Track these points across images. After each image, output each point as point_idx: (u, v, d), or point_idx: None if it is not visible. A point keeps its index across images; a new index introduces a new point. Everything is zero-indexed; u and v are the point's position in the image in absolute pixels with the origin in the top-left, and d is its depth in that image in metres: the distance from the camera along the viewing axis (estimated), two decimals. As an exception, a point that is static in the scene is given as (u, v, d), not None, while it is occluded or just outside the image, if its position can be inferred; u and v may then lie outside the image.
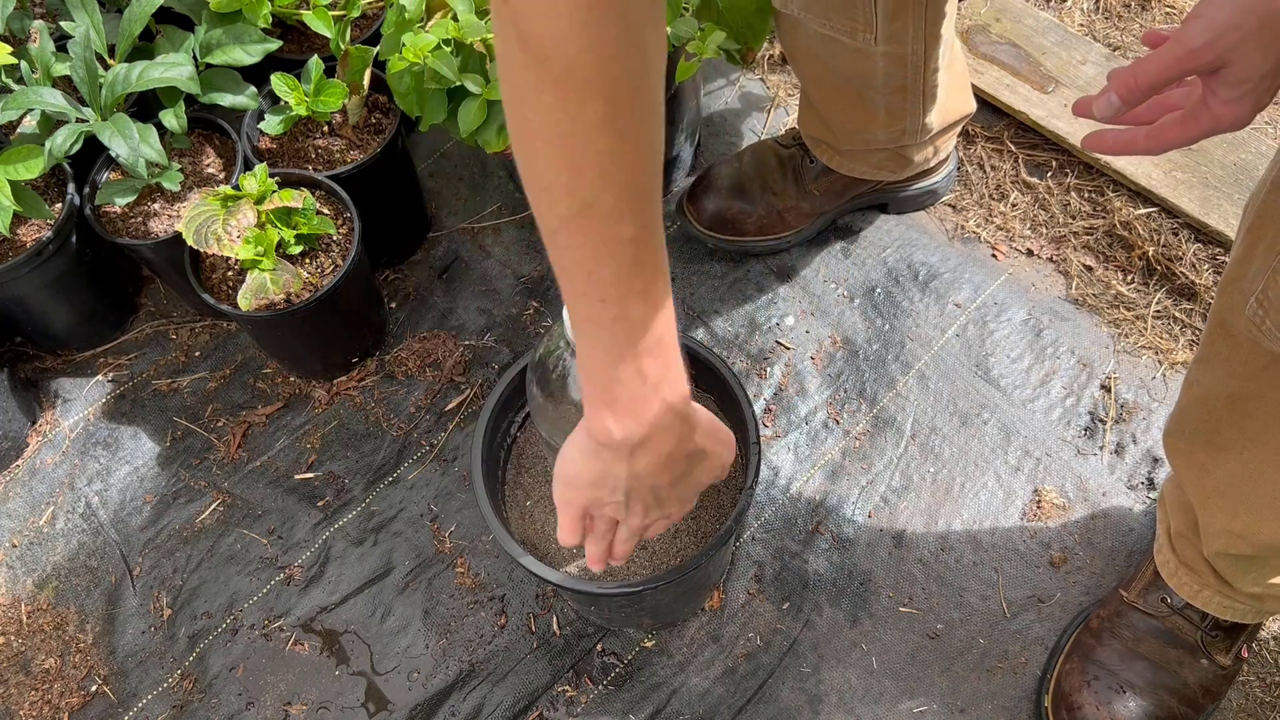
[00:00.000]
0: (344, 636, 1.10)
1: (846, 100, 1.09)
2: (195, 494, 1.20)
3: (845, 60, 1.03)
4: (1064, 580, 1.07)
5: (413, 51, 0.99)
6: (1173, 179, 1.26)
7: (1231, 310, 0.74)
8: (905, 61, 1.02)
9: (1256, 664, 1.01)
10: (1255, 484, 0.82)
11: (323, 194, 1.17)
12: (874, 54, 1.00)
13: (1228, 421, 0.82)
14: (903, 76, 1.04)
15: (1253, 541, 0.85)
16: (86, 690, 1.10)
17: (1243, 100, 0.62)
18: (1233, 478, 0.84)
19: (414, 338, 1.28)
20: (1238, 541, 0.86)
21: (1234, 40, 0.58)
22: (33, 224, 1.17)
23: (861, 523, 1.11)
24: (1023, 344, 1.21)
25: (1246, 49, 0.59)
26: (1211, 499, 0.87)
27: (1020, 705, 1.01)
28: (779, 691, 1.03)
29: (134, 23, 1.10)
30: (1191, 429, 0.87)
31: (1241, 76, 0.60)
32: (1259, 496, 0.82)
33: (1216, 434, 0.83)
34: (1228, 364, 0.79)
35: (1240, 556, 0.88)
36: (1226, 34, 0.58)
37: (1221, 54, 0.59)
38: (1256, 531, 0.84)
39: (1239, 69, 0.60)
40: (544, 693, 1.05)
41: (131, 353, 1.31)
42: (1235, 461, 0.83)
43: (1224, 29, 0.59)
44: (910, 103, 1.08)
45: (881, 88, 1.05)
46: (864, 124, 1.12)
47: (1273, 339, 0.70)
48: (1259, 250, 0.69)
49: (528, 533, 0.92)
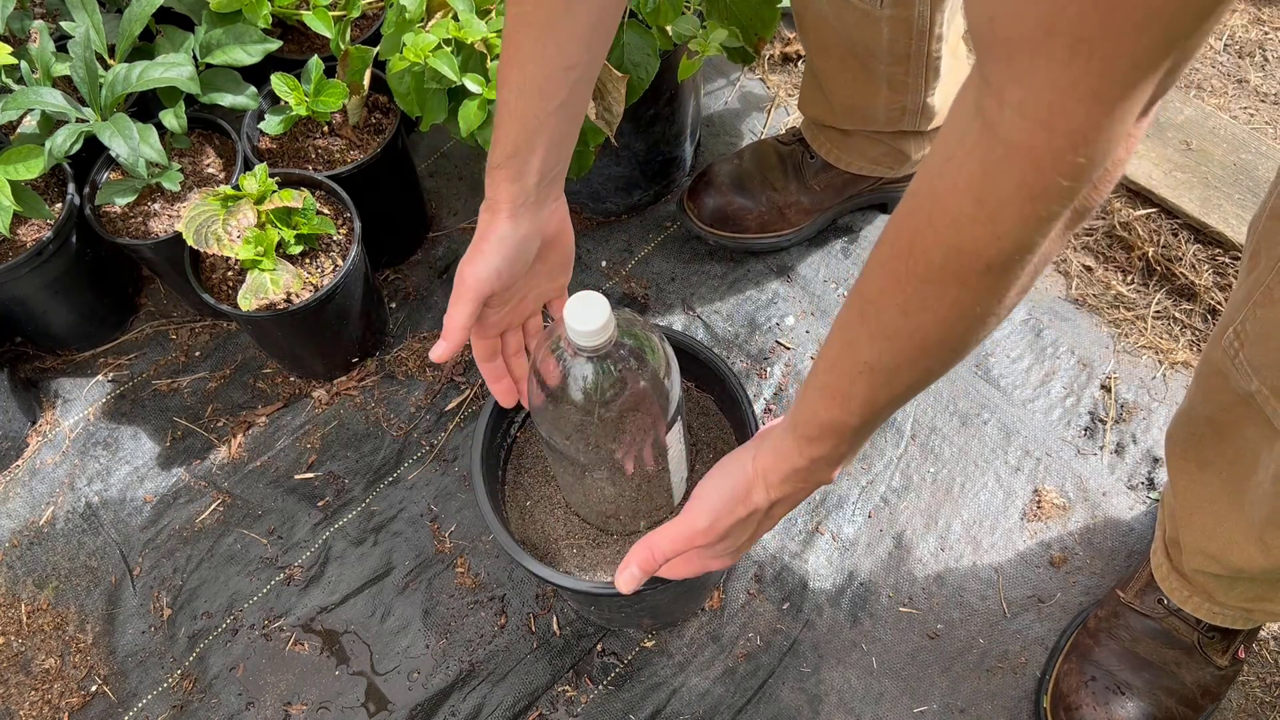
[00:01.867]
0: (344, 637, 1.10)
1: (850, 72, 1.09)
2: (195, 494, 1.20)
3: (852, 24, 1.03)
4: (1064, 580, 1.07)
5: (413, 51, 0.99)
6: (1173, 179, 1.26)
7: (1212, 341, 0.75)
8: (911, 26, 1.02)
9: (1256, 664, 1.01)
10: (1230, 507, 0.82)
11: (323, 194, 1.17)
12: (880, 17, 1.01)
13: (1209, 441, 0.82)
14: (907, 44, 1.04)
15: (1224, 564, 0.85)
16: (86, 690, 1.10)
17: (728, 557, 0.70)
18: (1214, 495, 0.84)
19: (414, 338, 1.28)
20: (1211, 562, 0.87)
21: (729, 523, 0.64)
22: (33, 224, 1.17)
23: (861, 523, 1.11)
24: (1023, 344, 1.21)
25: (736, 528, 0.65)
26: (1193, 515, 0.87)
27: (1020, 705, 1.01)
28: (779, 692, 1.03)
29: (134, 23, 1.10)
30: (1183, 438, 0.87)
31: (730, 545, 0.68)
32: (1233, 519, 0.82)
33: (1201, 450, 0.84)
34: (1205, 390, 0.79)
35: (1219, 576, 0.88)
36: (724, 518, 0.64)
37: (720, 533, 0.65)
38: (1227, 555, 0.84)
39: (730, 541, 0.67)
40: (544, 693, 1.05)
41: (131, 353, 1.32)
42: (1216, 480, 0.83)
43: (722, 513, 0.64)
44: (913, 75, 1.08)
45: (885, 56, 1.05)
46: (865, 98, 1.12)
47: (1244, 375, 0.70)
48: (1247, 283, 0.69)
49: (528, 533, 0.92)
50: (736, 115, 1.44)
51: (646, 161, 1.28)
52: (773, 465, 0.62)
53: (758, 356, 1.23)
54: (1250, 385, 0.70)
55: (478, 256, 0.74)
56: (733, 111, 1.44)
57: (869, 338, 0.52)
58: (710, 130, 1.42)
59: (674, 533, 0.67)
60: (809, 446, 0.59)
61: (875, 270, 0.50)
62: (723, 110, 1.44)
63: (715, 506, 0.64)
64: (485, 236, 0.74)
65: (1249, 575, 0.85)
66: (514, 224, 0.73)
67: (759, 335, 1.24)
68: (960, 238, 0.43)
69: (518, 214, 0.73)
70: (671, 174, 1.35)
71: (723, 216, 1.25)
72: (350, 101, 1.17)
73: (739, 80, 1.47)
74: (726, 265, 1.30)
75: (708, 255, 1.31)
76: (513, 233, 0.73)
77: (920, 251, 0.46)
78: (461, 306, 0.74)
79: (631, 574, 0.69)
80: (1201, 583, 0.91)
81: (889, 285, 0.49)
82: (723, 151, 1.40)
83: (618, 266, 1.32)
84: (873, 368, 0.52)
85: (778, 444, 0.61)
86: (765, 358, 1.23)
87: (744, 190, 1.25)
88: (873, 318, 0.51)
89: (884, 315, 0.50)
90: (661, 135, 1.26)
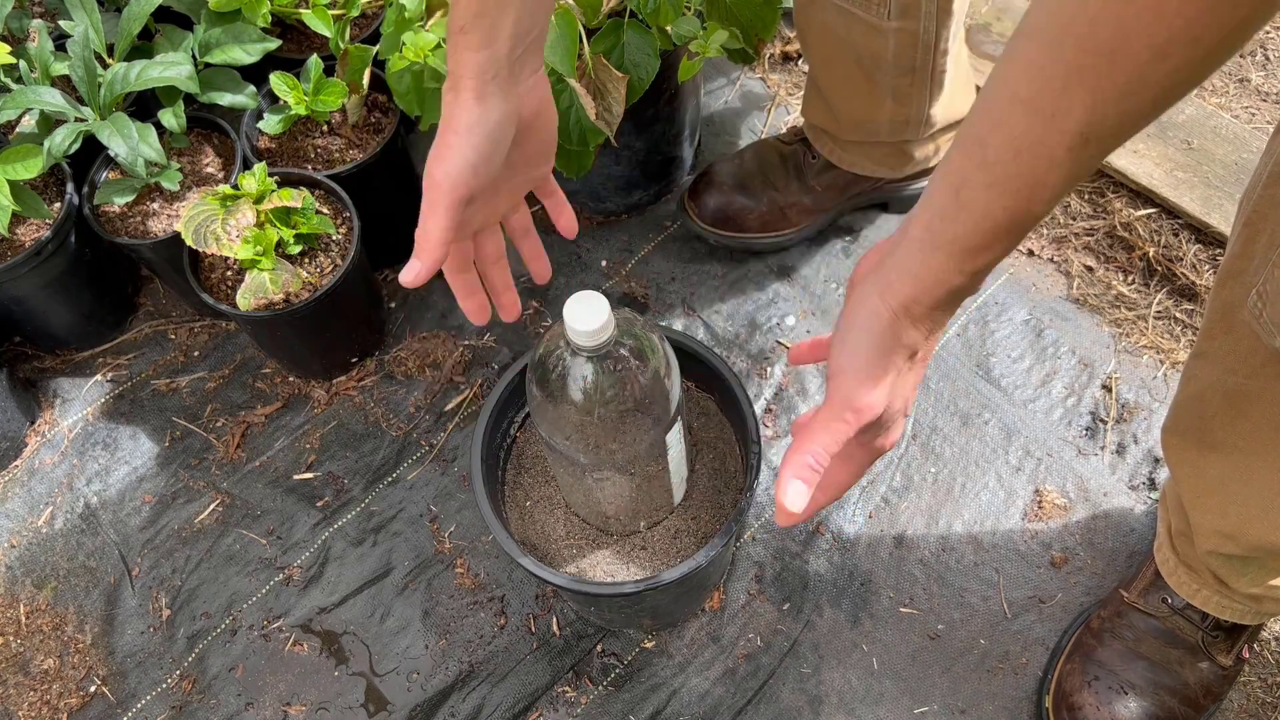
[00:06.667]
0: (343, 637, 1.10)
1: (854, 85, 1.09)
2: (194, 494, 1.20)
3: (859, 36, 1.03)
4: (1065, 580, 1.07)
5: (413, 50, 0.99)
6: (1174, 179, 1.26)
7: (1232, 304, 0.74)
8: (917, 39, 1.02)
9: (1258, 664, 1.01)
10: (1245, 484, 0.81)
11: (322, 193, 1.17)
12: (887, 30, 1.00)
13: (1221, 420, 0.81)
14: (913, 57, 1.04)
15: (1242, 542, 0.85)
16: (85, 691, 1.10)
17: (897, 425, 0.58)
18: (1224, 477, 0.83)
19: (414, 337, 1.28)
20: (1227, 542, 0.86)
21: (889, 380, 0.54)
22: (31, 223, 1.17)
23: (862, 523, 1.11)
24: (1024, 344, 1.21)
25: (899, 383, 0.54)
26: (1203, 498, 0.87)
27: (1021, 706, 1.01)
28: (779, 692, 1.03)
29: (133, 22, 1.09)
30: (1185, 426, 0.86)
31: (897, 409, 0.56)
32: (1249, 497, 0.81)
33: (1209, 432, 0.83)
34: (1226, 359, 0.78)
35: (1232, 557, 0.87)
36: (882, 378, 0.53)
37: (885, 400, 0.54)
38: (1245, 532, 0.84)
39: (896, 403, 0.56)
40: (544, 693, 1.05)
41: (130, 353, 1.31)
42: (1226, 461, 0.82)
43: (878, 373, 0.53)
44: (917, 88, 1.07)
45: (891, 68, 1.05)
46: (870, 111, 1.12)
47: (1269, 333, 0.69)
48: (1259, 243, 0.69)
49: (528, 533, 0.92)
50: (737, 114, 1.43)
51: (647, 161, 1.28)
52: (916, 295, 0.51)
53: (758, 356, 1.23)
54: (1276, 341, 0.70)
55: (446, 152, 0.62)
56: (733, 111, 1.44)
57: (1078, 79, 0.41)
58: (710, 130, 1.42)
59: (826, 424, 0.54)
60: (973, 258, 0.49)
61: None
62: (723, 109, 1.44)
63: (865, 366, 0.52)
64: (451, 125, 0.62)
65: (1267, 549, 0.84)
66: (483, 107, 0.61)
67: (759, 335, 1.24)
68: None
69: (485, 92, 0.61)
70: (672, 174, 1.34)
71: (724, 216, 1.25)
72: (349, 101, 1.17)
73: (739, 79, 1.47)
74: (727, 265, 1.30)
75: (708, 255, 1.31)
76: (482, 119, 0.62)
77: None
78: (437, 216, 0.62)
79: (797, 491, 0.55)
80: (1214, 567, 0.90)
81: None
82: (723, 151, 1.40)
83: (618, 266, 1.31)
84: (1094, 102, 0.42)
85: (920, 269, 0.51)
86: (766, 358, 1.23)
87: (745, 190, 1.25)
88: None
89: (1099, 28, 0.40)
90: (662, 135, 1.26)
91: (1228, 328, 0.76)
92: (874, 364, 0.52)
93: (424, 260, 0.62)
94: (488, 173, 0.63)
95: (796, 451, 0.54)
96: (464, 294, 0.72)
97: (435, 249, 0.62)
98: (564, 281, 1.31)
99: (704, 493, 0.92)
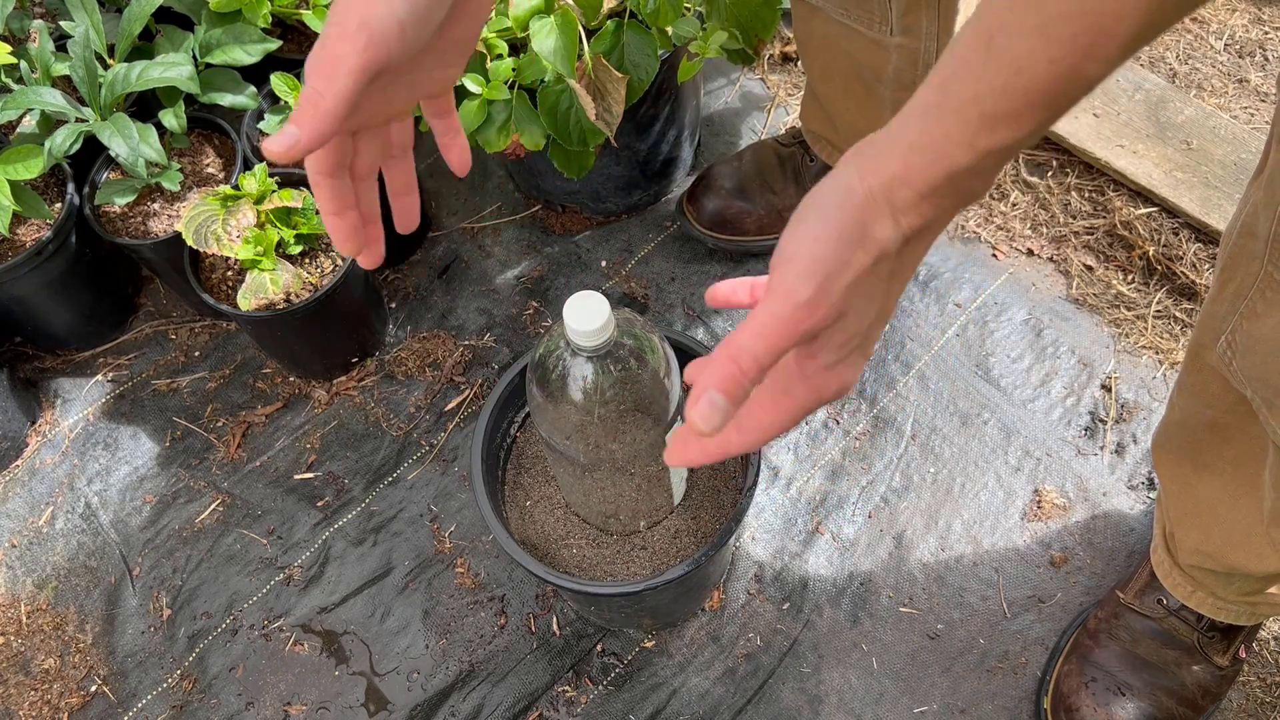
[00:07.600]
0: (344, 637, 1.10)
1: (854, 96, 1.09)
2: (195, 494, 1.20)
3: (860, 50, 1.02)
4: (1064, 580, 1.07)
5: (412, 51, 0.99)
6: (1173, 179, 1.26)
7: (1204, 346, 0.74)
8: (918, 57, 1.02)
9: (1256, 664, 1.01)
10: (1232, 509, 0.82)
11: (322, 194, 1.17)
12: (889, 46, 1.00)
13: (1209, 445, 0.82)
14: (913, 74, 1.04)
15: (1221, 563, 0.85)
16: (86, 690, 1.10)
17: (850, 361, 0.45)
18: (1213, 499, 0.84)
19: (414, 337, 1.28)
20: (1208, 559, 0.87)
21: (845, 281, 0.41)
22: (32, 224, 1.17)
23: (862, 523, 1.11)
24: (1023, 344, 1.21)
25: (859, 291, 0.42)
26: (1189, 515, 0.87)
27: (1021, 706, 1.01)
28: (779, 692, 1.03)
29: (134, 22, 1.10)
30: (1176, 445, 0.87)
31: (852, 330, 0.43)
32: (1234, 522, 0.82)
33: (1199, 454, 0.84)
34: (1203, 395, 0.79)
35: (1215, 572, 0.88)
36: (836, 275, 0.41)
37: (837, 304, 0.41)
38: (1224, 555, 0.84)
39: (852, 320, 0.43)
40: (544, 693, 1.05)
41: (131, 353, 1.31)
42: (1216, 482, 0.83)
43: (832, 268, 0.41)
44: None
45: (891, 82, 1.05)
46: (869, 122, 1.12)
47: (1240, 382, 0.70)
48: (1229, 292, 0.69)
49: (528, 533, 0.92)
50: (736, 115, 1.44)
51: (646, 161, 1.28)
52: (905, 173, 0.40)
53: (758, 356, 1.23)
54: (1246, 392, 0.70)
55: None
56: (733, 111, 1.44)
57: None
58: (710, 130, 1.42)
59: (762, 321, 0.41)
60: (992, 129, 0.38)
61: None
62: (723, 110, 1.44)
63: (816, 260, 0.41)
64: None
65: (1244, 574, 0.85)
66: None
67: (759, 335, 1.24)
68: None
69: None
70: (671, 174, 1.34)
71: (722, 220, 1.25)
72: (350, 101, 1.17)
73: (739, 80, 1.47)
74: (727, 266, 1.30)
75: (708, 255, 1.31)
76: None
77: None
78: (339, 76, 0.45)
79: (711, 402, 0.42)
80: (1199, 577, 0.91)
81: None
82: (723, 151, 1.40)
83: (618, 266, 1.31)
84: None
85: (919, 137, 0.40)
86: (765, 358, 1.23)
87: (743, 194, 1.25)
88: None
89: None
90: (661, 135, 1.26)
91: (1200, 366, 0.77)
92: (829, 253, 0.41)
93: (304, 127, 0.46)
94: (415, 40, 0.47)
95: (723, 355, 0.42)
96: (332, 207, 0.54)
97: (325, 117, 0.45)
98: (564, 282, 1.31)
99: (704, 492, 0.92)
